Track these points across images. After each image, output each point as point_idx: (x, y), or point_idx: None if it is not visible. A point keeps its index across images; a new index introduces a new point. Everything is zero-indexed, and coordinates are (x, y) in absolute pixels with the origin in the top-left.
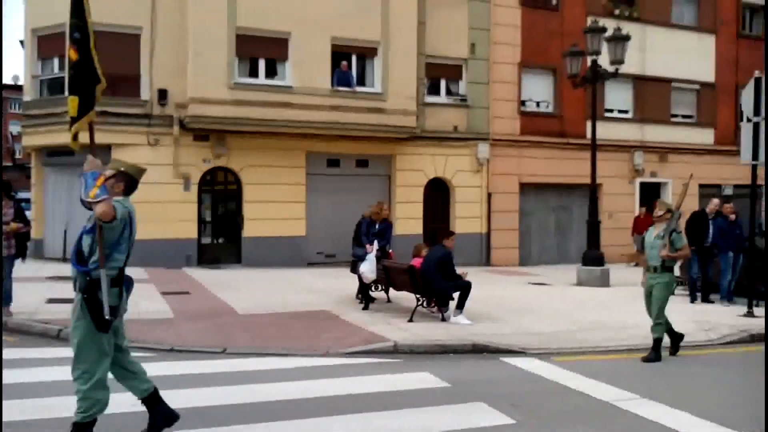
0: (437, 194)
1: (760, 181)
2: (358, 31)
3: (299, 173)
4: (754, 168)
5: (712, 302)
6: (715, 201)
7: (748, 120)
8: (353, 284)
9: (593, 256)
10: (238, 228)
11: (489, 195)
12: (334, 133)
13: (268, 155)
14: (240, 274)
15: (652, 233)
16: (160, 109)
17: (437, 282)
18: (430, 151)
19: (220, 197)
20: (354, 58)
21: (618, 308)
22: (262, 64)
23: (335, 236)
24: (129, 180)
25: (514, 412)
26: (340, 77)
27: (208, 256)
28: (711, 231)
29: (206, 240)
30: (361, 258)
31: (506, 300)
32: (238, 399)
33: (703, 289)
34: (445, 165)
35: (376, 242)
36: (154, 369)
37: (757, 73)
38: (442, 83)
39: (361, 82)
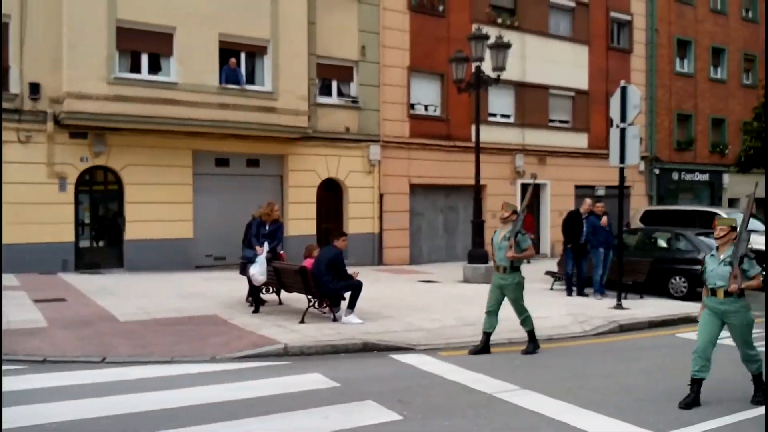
0: (330, 195)
1: (628, 182)
2: (247, 29)
3: (185, 173)
4: (622, 170)
5: (587, 296)
6: (588, 201)
7: (616, 126)
8: (243, 287)
9: (478, 254)
10: (120, 230)
11: (381, 196)
12: (222, 131)
13: (152, 154)
14: (122, 279)
15: (500, 235)
16: (31, 103)
17: (328, 282)
18: (322, 152)
19: (100, 198)
20: (243, 56)
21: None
22: (144, 59)
23: (225, 238)
24: None
25: (401, 408)
26: (228, 75)
27: (86, 261)
28: (584, 229)
29: (84, 243)
30: (251, 260)
31: (396, 298)
32: (119, 410)
33: (578, 284)
34: (338, 166)
35: (266, 243)
36: (24, 382)
37: (623, 83)
38: (334, 84)
39: (251, 80)
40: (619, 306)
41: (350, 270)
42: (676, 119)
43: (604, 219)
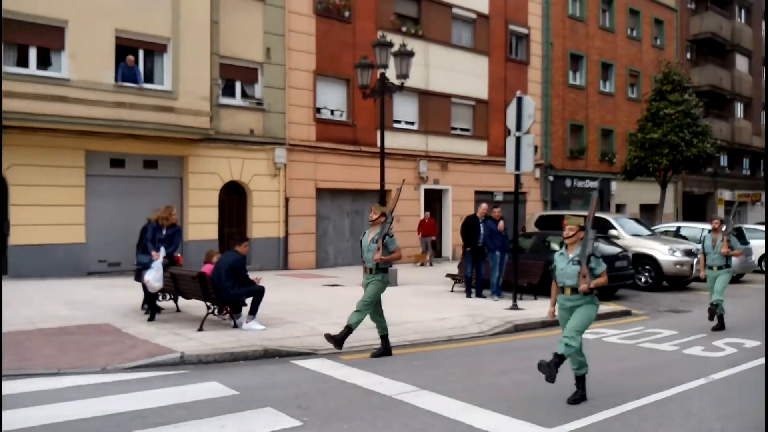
0: (233, 198)
1: (524, 188)
2: (146, 25)
3: (77, 174)
4: (517, 177)
5: (485, 297)
6: (484, 206)
7: (512, 135)
8: (138, 294)
9: None
10: (3, 235)
11: (287, 199)
12: (118, 131)
13: (40, 154)
14: (5, 287)
15: (368, 236)
16: None
17: (229, 288)
18: (225, 154)
19: None
20: (141, 54)
21: (401, 306)
22: (33, 53)
23: (120, 243)
24: None
25: (300, 413)
26: (125, 72)
27: None
28: (482, 232)
29: None
30: (146, 266)
31: (300, 303)
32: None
33: (477, 286)
34: (242, 168)
35: (163, 249)
36: None
37: (518, 93)
38: (238, 85)
39: (150, 79)
40: (514, 307)
41: (253, 275)
42: (569, 129)
43: (501, 223)
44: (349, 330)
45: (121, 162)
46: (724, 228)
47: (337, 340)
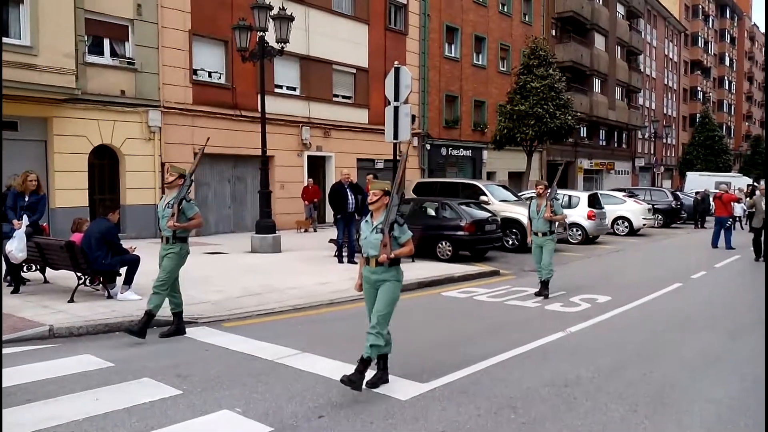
0: (104, 163)
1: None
2: None
3: None
4: (395, 145)
5: (356, 263)
6: (344, 172)
7: (390, 104)
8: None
9: (265, 225)
10: None
11: (163, 164)
12: None
13: None
14: None
15: (164, 201)
16: None
17: (101, 258)
18: (94, 116)
19: None
20: None
21: (285, 272)
22: None
23: None
24: None
25: (180, 382)
26: None
27: None
28: (350, 199)
29: None
30: (8, 235)
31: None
32: None
33: (349, 251)
34: (113, 131)
35: (25, 217)
36: None
37: (396, 64)
38: (107, 43)
39: (5, 32)
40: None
41: (127, 244)
42: (444, 100)
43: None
44: (150, 316)
45: None
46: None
47: (139, 331)
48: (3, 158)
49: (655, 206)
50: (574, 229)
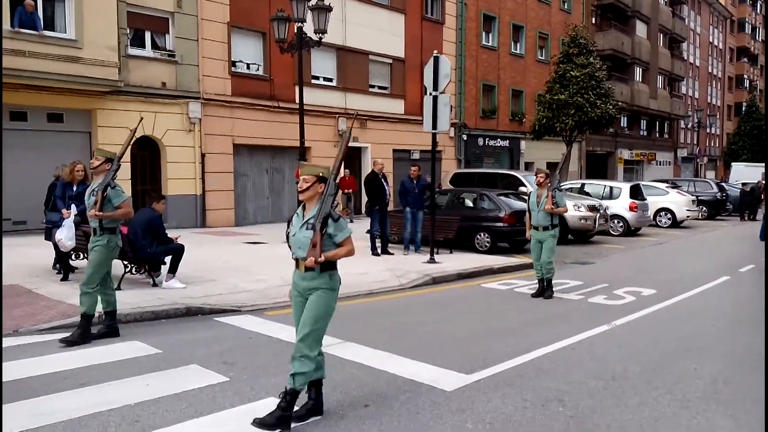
0: (146, 154)
1: (440, 147)
2: None
3: None
4: (434, 136)
5: (392, 254)
6: (378, 161)
7: (429, 94)
8: (49, 254)
9: None
10: None
11: (203, 155)
12: (17, 81)
13: None
14: None
15: (90, 188)
16: None
17: (146, 247)
18: (136, 107)
19: None
20: None
21: None
22: None
23: (26, 200)
24: None
25: (227, 369)
26: (24, 18)
27: None
28: (387, 189)
29: None
30: (57, 224)
31: (221, 260)
32: None
33: (382, 243)
34: (154, 123)
35: (74, 206)
36: None
37: (435, 53)
38: (148, 36)
39: (51, 26)
40: (432, 260)
41: (172, 234)
42: (481, 89)
43: (413, 171)
44: (87, 318)
45: (23, 115)
46: (550, 182)
47: (79, 338)
48: (49, 149)
49: (699, 198)
50: (616, 221)
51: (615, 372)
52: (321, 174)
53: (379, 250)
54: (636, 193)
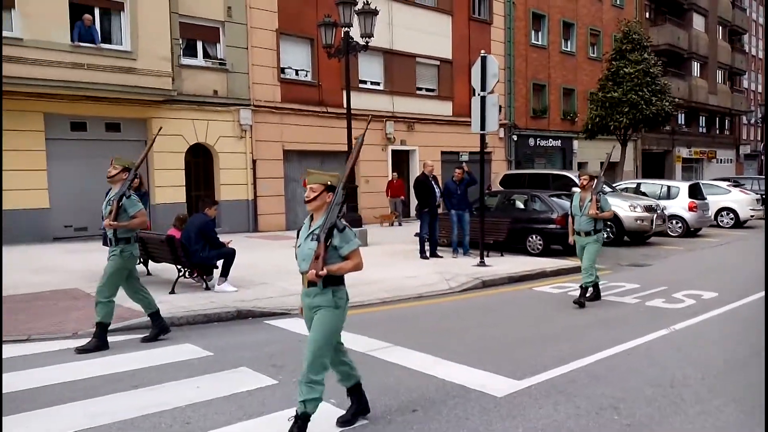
0: (200, 161)
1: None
2: None
3: (37, 137)
4: (483, 136)
5: (441, 257)
6: (428, 163)
7: (477, 94)
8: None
9: (351, 219)
10: None
11: (254, 161)
12: (77, 93)
13: None
14: None
15: (107, 197)
16: None
17: (199, 251)
18: (189, 116)
19: None
20: (98, 12)
21: (371, 266)
22: None
23: (86, 207)
24: None
25: (276, 372)
26: (82, 32)
27: None
28: (437, 191)
29: None
30: None
31: (271, 264)
32: None
33: (431, 246)
34: (207, 130)
35: None
36: None
37: (483, 53)
38: (200, 45)
39: (108, 39)
40: (482, 263)
41: (224, 238)
42: (531, 88)
43: (457, 173)
44: (102, 327)
45: (83, 125)
46: (594, 185)
47: (94, 348)
48: (108, 157)
49: (764, 196)
50: (674, 222)
51: (674, 378)
52: (329, 182)
53: (428, 253)
54: (695, 192)
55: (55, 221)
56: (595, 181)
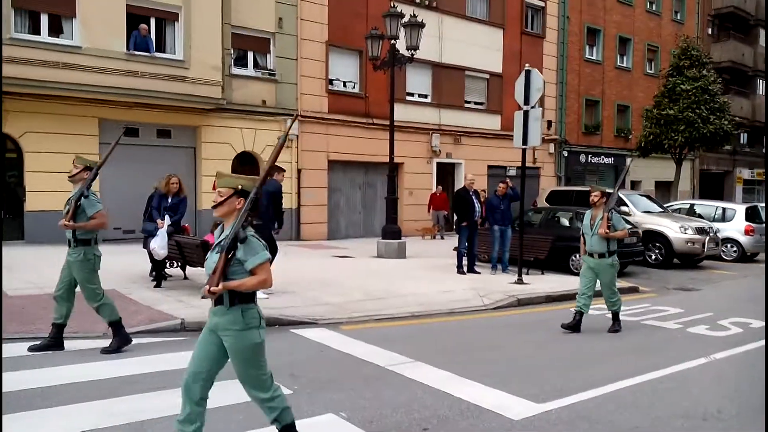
0: (246, 168)
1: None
2: None
3: (91, 142)
4: (524, 151)
5: (478, 272)
6: (469, 176)
7: (519, 108)
8: (148, 261)
9: (391, 230)
10: (20, 201)
11: (299, 171)
12: (130, 100)
13: (55, 121)
14: (21, 252)
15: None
16: None
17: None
18: (238, 124)
19: None
20: (153, 22)
21: (406, 278)
22: (45, 20)
23: (135, 210)
24: None
25: (292, 382)
26: (138, 41)
27: None
28: (476, 207)
29: None
30: (152, 233)
31: (306, 273)
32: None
33: (469, 261)
34: (254, 139)
35: (167, 217)
36: None
37: (527, 66)
38: (250, 56)
39: (162, 48)
40: (519, 281)
41: None
42: (584, 104)
43: (500, 187)
44: (113, 326)
45: (135, 131)
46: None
47: (118, 343)
48: (158, 163)
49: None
50: (728, 245)
51: (707, 411)
52: (240, 186)
53: (465, 269)
54: (753, 215)
55: None
56: (608, 197)
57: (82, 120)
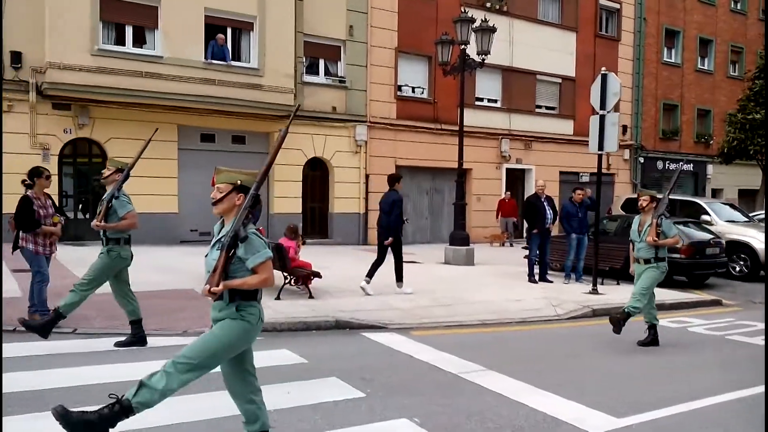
0: (316, 174)
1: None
2: (234, 4)
3: (170, 147)
4: (600, 157)
5: (550, 281)
6: (540, 182)
7: (595, 113)
8: None
9: (459, 237)
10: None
11: (367, 176)
12: (207, 107)
13: (136, 127)
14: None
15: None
16: (13, 72)
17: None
18: (309, 131)
19: (84, 170)
20: (229, 32)
21: (475, 285)
22: (129, 31)
23: (211, 214)
24: None
25: (364, 385)
26: (215, 50)
27: (70, 233)
28: (548, 214)
29: (68, 215)
30: None
31: (375, 278)
32: (86, 380)
33: (541, 269)
34: (324, 145)
35: None
36: None
37: (603, 70)
38: (321, 63)
39: (237, 56)
40: (594, 291)
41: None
42: (662, 108)
43: (577, 194)
44: (58, 315)
45: (212, 137)
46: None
47: (40, 327)
48: (233, 168)
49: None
50: None
51: None
52: (239, 182)
53: (536, 277)
54: None
55: (182, 225)
56: (657, 202)
57: (162, 126)
